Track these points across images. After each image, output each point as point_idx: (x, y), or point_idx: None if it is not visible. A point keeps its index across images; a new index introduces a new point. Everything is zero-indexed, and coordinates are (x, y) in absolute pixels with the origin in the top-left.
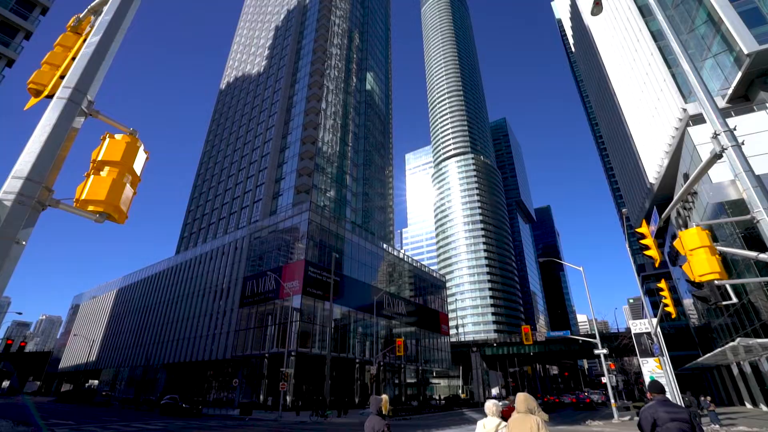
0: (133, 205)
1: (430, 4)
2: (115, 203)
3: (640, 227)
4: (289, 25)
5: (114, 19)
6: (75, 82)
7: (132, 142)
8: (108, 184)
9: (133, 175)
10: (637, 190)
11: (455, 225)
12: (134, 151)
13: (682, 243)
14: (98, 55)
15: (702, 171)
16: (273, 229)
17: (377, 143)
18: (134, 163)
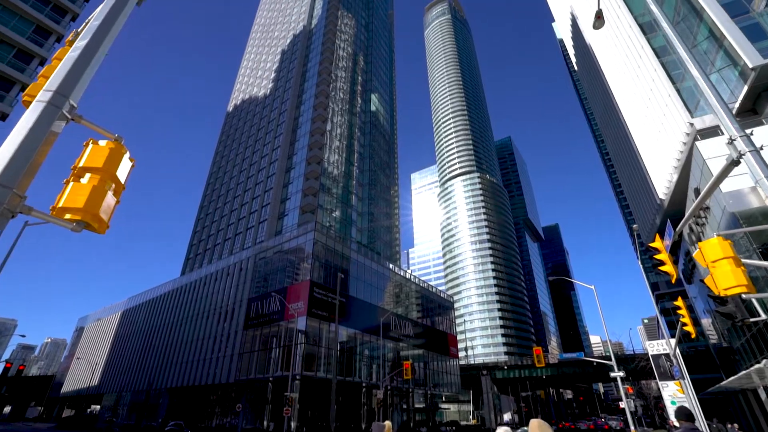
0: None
1: (433, 27)
2: (94, 211)
3: (653, 242)
4: (294, 49)
5: (103, 25)
6: (57, 86)
7: (116, 149)
8: (87, 192)
9: (117, 183)
10: (646, 206)
11: (462, 244)
12: (118, 158)
13: (702, 254)
14: (83, 59)
15: (719, 178)
16: (278, 249)
17: (382, 163)
18: (118, 171)
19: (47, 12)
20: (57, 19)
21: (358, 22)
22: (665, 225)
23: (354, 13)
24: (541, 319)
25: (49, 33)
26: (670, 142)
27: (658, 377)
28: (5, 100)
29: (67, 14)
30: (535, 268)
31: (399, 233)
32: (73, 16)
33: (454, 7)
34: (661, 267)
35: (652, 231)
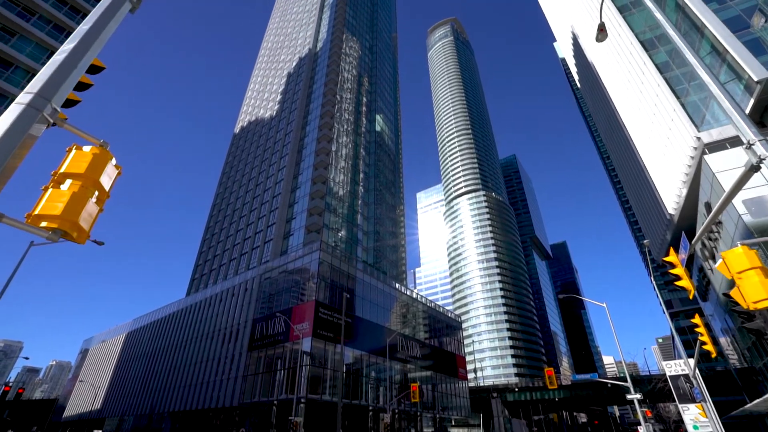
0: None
1: (436, 49)
2: (73, 219)
3: (667, 256)
4: (300, 72)
5: (92, 30)
6: (38, 88)
7: (100, 155)
8: (66, 199)
9: (100, 191)
10: (656, 222)
11: (469, 263)
12: (102, 164)
13: (727, 265)
14: (69, 62)
15: (738, 186)
16: (283, 269)
17: (388, 182)
18: (101, 178)
19: (61, 39)
20: None
21: (362, 45)
22: (677, 240)
23: (358, 36)
24: (552, 339)
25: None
26: (677, 157)
27: (677, 399)
28: None
29: None
30: (543, 287)
31: (405, 252)
32: None
33: (456, 29)
34: (677, 282)
35: (662, 247)
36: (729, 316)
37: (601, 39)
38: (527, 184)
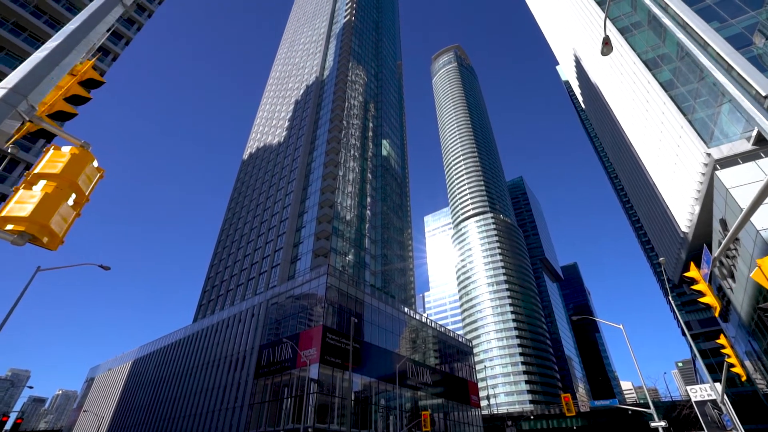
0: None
1: (441, 75)
2: (43, 222)
3: (684, 274)
4: (307, 99)
5: (79, 29)
6: (14, 83)
7: (80, 156)
8: (37, 200)
9: (78, 193)
10: (669, 240)
11: (479, 287)
12: (81, 166)
13: (764, 273)
14: (50, 60)
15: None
16: (290, 294)
17: (395, 205)
18: (80, 179)
19: None
20: None
21: (368, 72)
22: (692, 258)
23: (364, 64)
24: (567, 364)
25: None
26: (687, 174)
27: (705, 427)
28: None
29: None
30: (556, 310)
31: (414, 276)
32: (101, 72)
33: (459, 55)
34: (701, 299)
35: (677, 266)
36: (753, 338)
37: (607, 52)
38: (535, 205)
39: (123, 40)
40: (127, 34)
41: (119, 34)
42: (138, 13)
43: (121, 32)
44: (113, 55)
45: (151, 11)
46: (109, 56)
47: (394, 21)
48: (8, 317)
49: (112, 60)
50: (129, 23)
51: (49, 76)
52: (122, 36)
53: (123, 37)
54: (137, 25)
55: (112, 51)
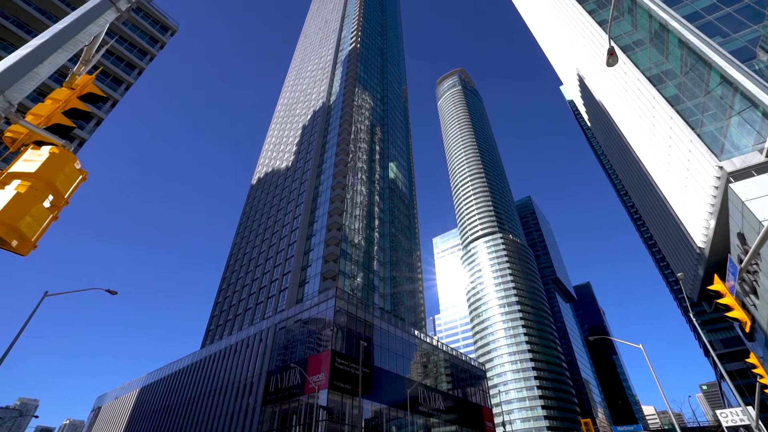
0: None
1: (446, 98)
2: (12, 223)
3: (704, 293)
4: (315, 124)
5: (66, 30)
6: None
7: (59, 155)
8: (7, 200)
9: (56, 195)
10: (685, 257)
11: (490, 308)
12: (59, 165)
13: None
14: (33, 58)
15: None
16: (298, 318)
17: (403, 227)
18: (57, 180)
19: None
20: (98, 106)
21: (374, 97)
22: (711, 274)
23: (370, 89)
24: (584, 388)
25: (90, 118)
26: (699, 188)
27: None
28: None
29: (107, 101)
30: (570, 331)
31: (423, 298)
32: (113, 102)
33: (464, 79)
34: (728, 314)
35: (695, 283)
36: None
37: (612, 63)
38: (544, 225)
39: (135, 70)
40: (139, 64)
41: (131, 65)
42: (150, 44)
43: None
44: (126, 84)
45: (163, 42)
46: (122, 85)
47: (398, 47)
48: (15, 341)
49: (125, 89)
50: (141, 54)
51: (31, 73)
52: (135, 66)
53: (136, 68)
54: (149, 55)
55: (125, 80)
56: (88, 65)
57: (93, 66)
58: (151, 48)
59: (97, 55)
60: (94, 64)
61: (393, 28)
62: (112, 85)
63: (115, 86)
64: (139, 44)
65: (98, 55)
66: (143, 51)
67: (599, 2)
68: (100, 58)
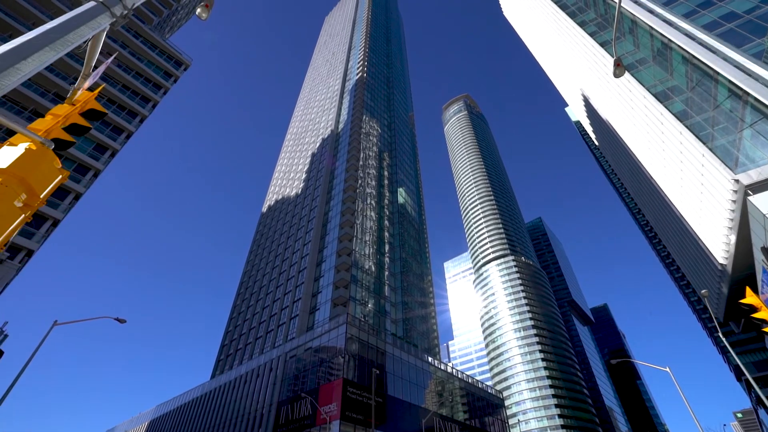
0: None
1: (452, 123)
2: None
3: (745, 298)
4: (323, 151)
5: (55, 29)
6: None
7: (37, 152)
8: None
9: (30, 194)
10: (706, 274)
11: (505, 333)
12: (35, 162)
13: None
14: (16, 53)
15: None
16: (309, 346)
17: (413, 251)
18: (32, 177)
19: (107, 132)
20: (114, 137)
21: (381, 124)
22: (736, 292)
23: (377, 116)
24: (608, 416)
25: (105, 149)
26: (716, 202)
27: None
28: (59, 208)
29: (123, 132)
30: (590, 356)
31: (436, 323)
32: (128, 134)
33: (469, 104)
34: (766, 329)
35: (719, 302)
36: None
37: (620, 74)
38: (557, 246)
39: (150, 103)
40: (154, 97)
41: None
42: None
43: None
44: (140, 117)
45: (176, 77)
46: (136, 118)
47: (403, 75)
48: (24, 369)
49: (140, 122)
50: (156, 88)
51: (13, 68)
52: (149, 99)
53: (150, 101)
54: (163, 89)
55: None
56: (88, 80)
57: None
58: (165, 82)
59: (97, 71)
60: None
61: (398, 56)
62: (128, 118)
63: (130, 119)
64: (153, 79)
65: (99, 71)
66: (157, 85)
67: (599, 24)
68: (114, 91)
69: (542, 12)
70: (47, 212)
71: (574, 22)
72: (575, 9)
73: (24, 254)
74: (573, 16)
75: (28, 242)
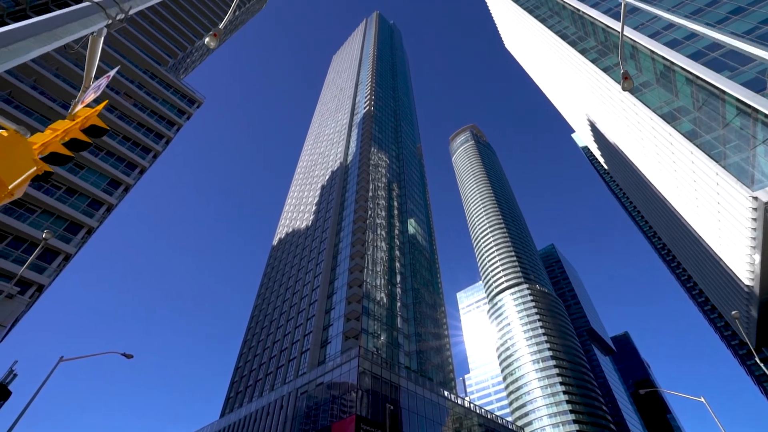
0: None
1: (459, 153)
2: None
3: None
4: (333, 183)
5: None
6: None
7: (8, 139)
8: None
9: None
10: (732, 297)
11: (523, 365)
12: (7, 151)
13: None
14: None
15: None
16: (321, 381)
17: (425, 281)
18: (1, 167)
19: (121, 168)
20: (127, 172)
21: (389, 155)
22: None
23: (385, 148)
24: None
25: (119, 184)
26: (735, 221)
27: None
28: (71, 242)
29: (136, 168)
30: (614, 387)
31: (451, 355)
32: (141, 169)
33: (476, 134)
34: None
35: (750, 326)
36: None
37: (627, 87)
38: (572, 273)
39: (163, 139)
40: (167, 134)
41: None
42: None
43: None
44: (154, 153)
45: (189, 114)
46: (150, 153)
47: (410, 107)
48: (28, 406)
49: (153, 158)
50: (169, 125)
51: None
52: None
53: (163, 137)
54: (176, 126)
55: (153, 149)
56: (88, 92)
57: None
58: (179, 119)
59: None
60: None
61: (404, 90)
62: (141, 154)
63: (144, 155)
64: (167, 116)
65: (102, 85)
66: (171, 122)
67: (600, 51)
68: (130, 129)
69: (543, 42)
70: (59, 246)
71: (575, 50)
72: (575, 38)
73: (35, 289)
74: (574, 44)
75: (39, 277)
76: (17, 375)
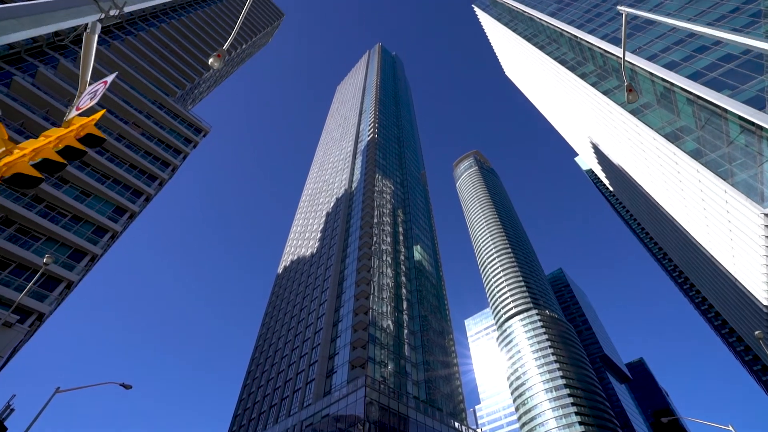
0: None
1: (464, 179)
2: None
3: None
4: (338, 210)
5: (29, 6)
6: None
7: None
8: None
9: None
10: (750, 319)
11: (536, 394)
12: None
13: None
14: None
15: None
16: (326, 413)
17: (433, 307)
18: None
19: (127, 195)
20: (133, 200)
21: (394, 181)
22: None
23: (390, 175)
24: None
25: (124, 211)
26: (748, 239)
27: None
28: (74, 270)
29: (142, 195)
30: (632, 417)
31: (461, 384)
32: (147, 197)
33: (479, 159)
34: None
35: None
36: None
37: (633, 100)
38: (581, 298)
39: (170, 167)
40: (173, 162)
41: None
42: (184, 144)
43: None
44: (160, 180)
45: (196, 142)
46: (156, 181)
47: (413, 134)
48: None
49: (159, 185)
50: (176, 153)
51: None
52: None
53: (170, 165)
54: (183, 154)
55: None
56: (83, 98)
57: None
58: (185, 147)
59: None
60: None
61: (407, 118)
62: (147, 181)
63: (150, 182)
64: (174, 144)
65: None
66: (177, 150)
67: (599, 75)
68: (137, 157)
69: (543, 68)
70: (62, 274)
71: (575, 74)
72: (574, 63)
73: (35, 317)
74: (573, 69)
75: (40, 305)
76: (14, 410)
